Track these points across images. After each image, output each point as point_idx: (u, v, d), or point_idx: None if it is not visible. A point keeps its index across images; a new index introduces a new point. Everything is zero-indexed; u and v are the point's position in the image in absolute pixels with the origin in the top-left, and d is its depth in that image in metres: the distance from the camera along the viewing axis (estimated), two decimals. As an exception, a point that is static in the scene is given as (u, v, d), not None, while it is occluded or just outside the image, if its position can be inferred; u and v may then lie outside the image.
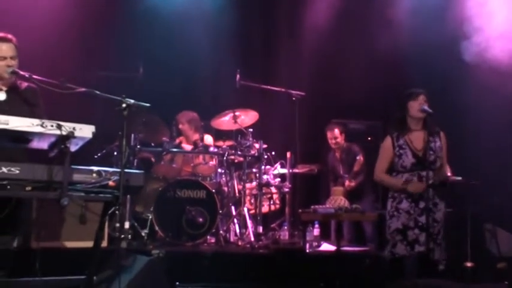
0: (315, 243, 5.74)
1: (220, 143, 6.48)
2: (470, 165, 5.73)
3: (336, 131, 7.00)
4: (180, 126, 6.66)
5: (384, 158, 4.55)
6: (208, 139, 6.65)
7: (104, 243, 4.59)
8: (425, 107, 4.37)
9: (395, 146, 4.47)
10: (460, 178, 5.30)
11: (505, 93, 6.23)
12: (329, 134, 7.05)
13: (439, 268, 4.32)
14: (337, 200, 5.42)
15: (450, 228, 4.45)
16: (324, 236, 6.15)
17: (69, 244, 4.64)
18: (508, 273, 5.40)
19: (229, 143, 6.41)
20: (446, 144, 4.53)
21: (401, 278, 4.32)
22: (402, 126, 4.50)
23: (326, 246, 5.77)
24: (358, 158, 6.70)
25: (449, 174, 5.03)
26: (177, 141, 6.55)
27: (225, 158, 6.18)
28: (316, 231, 5.85)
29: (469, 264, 5.43)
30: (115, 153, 5.79)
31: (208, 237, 5.87)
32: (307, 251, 5.58)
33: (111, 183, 3.41)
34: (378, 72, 7.33)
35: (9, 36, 4.04)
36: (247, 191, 6.34)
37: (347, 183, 6.70)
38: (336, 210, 4.89)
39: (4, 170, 3.18)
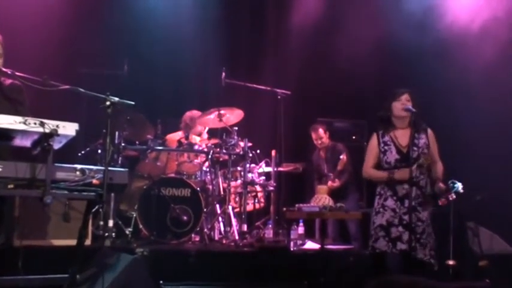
0: (299, 242, 5.76)
1: (205, 141, 6.47)
2: (452, 164, 5.77)
3: (320, 131, 7.01)
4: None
5: (371, 155, 4.58)
6: (195, 137, 6.64)
7: (88, 242, 4.57)
8: (409, 106, 4.39)
9: (381, 142, 4.50)
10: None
11: (490, 95, 6.32)
12: (314, 135, 7.05)
13: (431, 268, 4.32)
14: (322, 198, 5.43)
15: (433, 227, 4.47)
16: (309, 234, 6.17)
17: (53, 242, 4.60)
18: (489, 271, 5.46)
19: (214, 141, 6.41)
20: (436, 141, 4.55)
21: (382, 275, 4.33)
22: (387, 124, 4.54)
23: (310, 245, 5.79)
24: (341, 157, 6.67)
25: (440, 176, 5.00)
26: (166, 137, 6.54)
27: (210, 156, 6.18)
28: (301, 230, 5.87)
29: (451, 262, 5.48)
30: (99, 151, 5.76)
31: (192, 235, 5.86)
32: (292, 249, 5.59)
33: (94, 181, 3.39)
34: (363, 71, 7.35)
35: None
36: (232, 189, 6.33)
37: (329, 183, 6.67)
38: (321, 208, 4.89)
39: (-14, 167, 3.14)
